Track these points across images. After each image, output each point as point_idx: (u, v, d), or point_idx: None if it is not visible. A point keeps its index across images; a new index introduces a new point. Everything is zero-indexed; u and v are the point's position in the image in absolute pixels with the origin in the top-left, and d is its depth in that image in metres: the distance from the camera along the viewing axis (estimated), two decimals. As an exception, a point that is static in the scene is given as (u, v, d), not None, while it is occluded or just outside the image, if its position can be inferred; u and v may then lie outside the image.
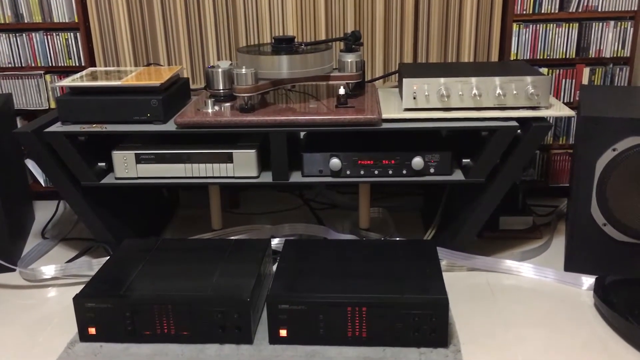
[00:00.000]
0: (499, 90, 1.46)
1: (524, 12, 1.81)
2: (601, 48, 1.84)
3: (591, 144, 1.43)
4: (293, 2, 1.85)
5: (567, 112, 1.48)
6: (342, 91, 1.52)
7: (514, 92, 1.46)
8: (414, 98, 1.47)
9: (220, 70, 1.55)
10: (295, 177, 1.53)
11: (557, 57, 1.85)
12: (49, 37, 1.90)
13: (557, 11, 1.82)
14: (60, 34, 1.90)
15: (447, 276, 1.52)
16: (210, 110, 1.51)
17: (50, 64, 1.93)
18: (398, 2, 1.84)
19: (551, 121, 1.91)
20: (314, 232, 1.78)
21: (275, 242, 1.66)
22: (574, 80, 1.87)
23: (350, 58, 1.56)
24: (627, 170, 1.42)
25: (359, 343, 1.27)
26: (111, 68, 1.75)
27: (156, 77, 1.56)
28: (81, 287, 1.33)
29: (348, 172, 1.51)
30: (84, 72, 1.67)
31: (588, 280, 1.50)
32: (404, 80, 1.47)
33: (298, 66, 1.49)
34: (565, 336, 1.32)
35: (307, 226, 1.79)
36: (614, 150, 1.42)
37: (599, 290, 1.40)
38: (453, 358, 1.23)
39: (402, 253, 1.43)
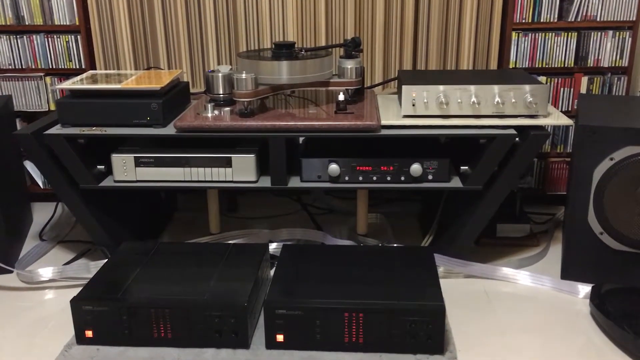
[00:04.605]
0: (497, 99, 1.46)
1: (523, 21, 1.82)
2: (599, 57, 1.85)
3: (589, 152, 1.44)
4: (293, 7, 1.85)
5: (565, 120, 1.48)
6: (341, 97, 1.52)
7: (513, 100, 1.47)
8: (413, 105, 1.48)
9: (220, 74, 1.55)
10: (294, 182, 1.53)
11: (556, 66, 1.86)
12: (49, 39, 1.91)
13: (556, 20, 1.83)
14: (61, 36, 1.90)
15: (444, 283, 1.53)
16: (209, 115, 1.51)
17: (50, 66, 1.93)
18: (398, 9, 1.85)
19: (549, 130, 1.91)
20: (311, 237, 1.78)
21: (273, 246, 1.67)
22: (572, 89, 1.88)
23: (349, 64, 1.57)
24: (624, 179, 1.43)
25: (355, 349, 1.27)
26: (111, 71, 1.75)
27: (156, 81, 1.56)
28: (78, 289, 1.33)
29: (346, 178, 1.51)
30: (84, 75, 1.67)
31: (584, 289, 1.51)
32: (403, 87, 1.47)
33: (298, 72, 1.50)
34: (561, 344, 1.32)
35: (305, 231, 1.79)
36: (611, 159, 1.43)
37: (595, 298, 1.40)
38: (449, 365, 1.23)
39: (399, 259, 1.43)
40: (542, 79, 1.86)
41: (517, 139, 1.45)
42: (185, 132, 1.48)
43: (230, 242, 1.73)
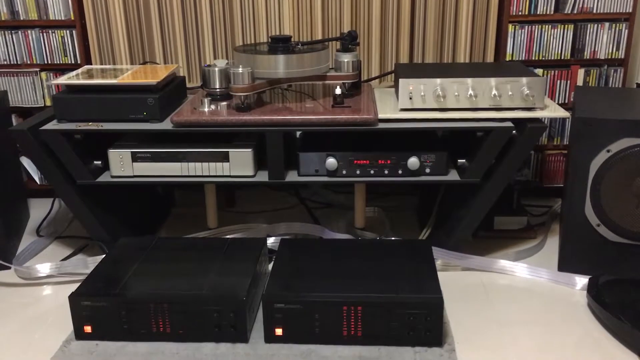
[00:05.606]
0: (494, 91, 1.46)
1: (520, 13, 1.82)
2: (596, 49, 1.85)
3: (585, 145, 1.44)
4: (290, 1, 1.85)
5: (562, 113, 1.48)
6: (338, 91, 1.52)
7: (510, 93, 1.47)
8: (410, 98, 1.48)
9: (216, 69, 1.55)
10: (291, 177, 1.53)
11: (552, 58, 1.86)
12: (44, 34, 1.90)
13: (552, 12, 1.82)
14: (56, 31, 1.89)
15: (441, 276, 1.53)
16: (206, 109, 1.51)
17: (45, 62, 1.93)
18: (394, 2, 1.85)
19: (546, 122, 1.92)
20: (309, 232, 1.78)
21: (271, 241, 1.67)
22: (568, 82, 1.88)
23: (346, 58, 1.57)
24: (621, 171, 1.43)
25: (354, 342, 1.27)
26: (107, 66, 1.74)
27: (152, 76, 1.56)
28: (76, 285, 1.33)
29: (344, 172, 1.51)
30: (79, 70, 1.67)
31: (581, 280, 1.51)
32: (400, 80, 1.47)
33: (294, 66, 1.50)
34: (559, 335, 1.33)
35: (303, 225, 1.79)
36: (608, 151, 1.43)
37: (592, 290, 1.41)
38: (447, 357, 1.24)
39: (397, 253, 1.44)
40: (539, 71, 1.86)
41: (514, 131, 1.46)
42: (182, 127, 1.47)
43: (228, 236, 1.73)
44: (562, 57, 1.86)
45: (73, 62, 1.92)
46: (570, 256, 1.55)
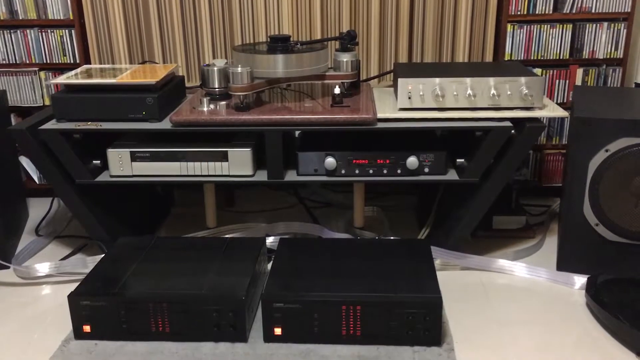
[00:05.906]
0: (493, 91, 1.47)
1: (519, 13, 1.82)
2: (595, 49, 1.85)
3: (584, 144, 1.45)
4: (289, 1, 1.85)
5: (561, 112, 1.49)
6: (337, 90, 1.52)
7: (508, 92, 1.47)
8: (409, 98, 1.48)
9: (215, 68, 1.55)
10: (290, 176, 1.53)
11: (551, 57, 1.86)
12: (43, 33, 1.89)
13: (551, 12, 1.83)
14: (55, 30, 1.89)
15: (440, 275, 1.53)
16: (205, 109, 1.51)
17: (44, 61, 1.93)
18: (393, 1, 1.85)
19: (545, 122, 1.92)
20: (308, 231, 1.78)
21: (270, 240, 1.67)
22: (567, 81, 1.88)
23: (345, 57, 1.57)
24: (620, 170, 1.43)
25: (353, 341, 1.27)
26: (106, 65, 1.74)
27: (151, 75, 1.56)
28: (75, 284, 1.33)
29: (343, 172, 1.52)
30: (78, 70, 1.67)
31: (580, 280, 1.51)
32: (399, 80, 1.47)
33: (294, 65, 1.50)
34: (558, 335, 1.33)
35: (302, 225, 1.80)
36: (606, 151, 1.43)
37: (591, 289, 1.41)
38: (446, 357, 1.24)
39: (396, 252, 1.44)
40: (538, 71, 1.87)
41: (512, 131, 1.46)
42: (181, 127, 1.48)
43: (227, 236, 1.73)
44: (561, 57, 1.86)
45: (72, 61, 1.92)
46: (569, 256, 1.55)
